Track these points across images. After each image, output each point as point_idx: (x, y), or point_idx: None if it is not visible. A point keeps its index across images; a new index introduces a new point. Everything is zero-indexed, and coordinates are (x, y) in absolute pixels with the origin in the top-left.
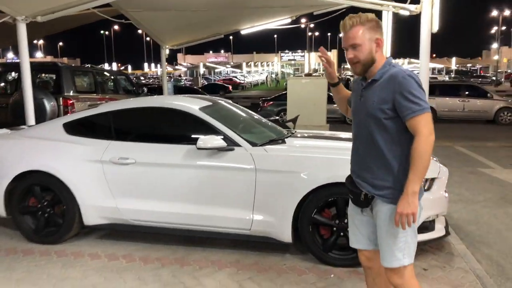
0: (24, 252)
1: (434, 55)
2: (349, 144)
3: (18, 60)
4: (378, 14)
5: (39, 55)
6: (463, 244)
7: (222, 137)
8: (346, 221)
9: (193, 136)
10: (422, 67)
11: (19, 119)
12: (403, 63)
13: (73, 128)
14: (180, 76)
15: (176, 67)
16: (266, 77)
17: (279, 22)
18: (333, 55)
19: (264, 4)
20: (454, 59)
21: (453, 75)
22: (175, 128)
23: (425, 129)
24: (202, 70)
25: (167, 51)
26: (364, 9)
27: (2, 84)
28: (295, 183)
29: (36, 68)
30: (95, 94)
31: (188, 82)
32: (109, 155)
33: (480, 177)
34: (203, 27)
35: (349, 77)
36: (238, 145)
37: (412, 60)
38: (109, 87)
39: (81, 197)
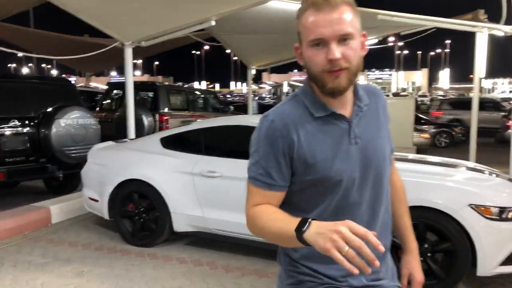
0: (122, 252)
1: None
2: (434, 169)
3: (120, 79)
4: (471, 35)
5: (137, 73)
6: None
7: None
8: (426, 245)
9: None
10: None
11: (121, 133)
12: (503, 83)
13: (168, 143)
14: (274, 94)
15: (261, 85)
16: None
17: (365, 42)
18: (423, 74)
19: None
20: None
21: None
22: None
23: None
24: (286, 88)
25: (253, 71)
26: (454, 30)
27: (109, 101)
28: None
29: (137, 86)
30: (186, 111)
31: (272, 101)
32: (199, 168)
33: None
34: (288, 49)
35: (440, 97)
36: None
37: None
38: (199, 105)
39: (173, 205)
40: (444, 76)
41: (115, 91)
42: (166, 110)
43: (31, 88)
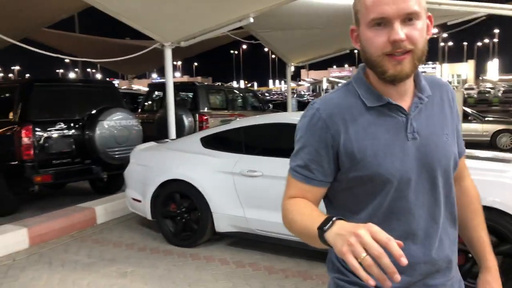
0: (165, 252)
1: None
2: (488, 164)
3: (161, 80)
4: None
5: (177, 74)
6: None
7: None
8: None
9: None
10: None
11: (163, 133)
12: None
13: (208, 142)
14: (312, 91)
15: (299, 83)
16: None
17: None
18: (469, 65)
19: None
20: None
21: None
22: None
23: None
24: (325, 85)
25: (292, 68)
26: (506, 16)
27: (150, 102)
28: None
29: (177, 87)
30: (226, 111)
31: (311, 98)
32: (239, 168)
33: None
34: (328, 44)
35: (489, 89)
36: None
37: None
38: (238, 103)
39: (214, 205)
40: (493, 67)
41: (156, 93)
42: (205, 110)
43: (75, 91)
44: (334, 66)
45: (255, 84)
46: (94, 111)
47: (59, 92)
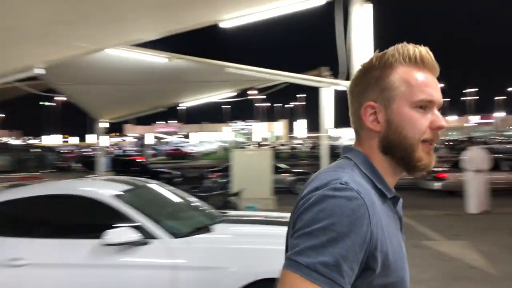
0: None
1: None
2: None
3: None
4: (315, 90)
5: None
6: None
7: (136, 228)
8: None
9: (103, 228)
10: None
11: None
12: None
13: None
14: (141, 146)
15: (123, 138)
16: (219, 146)
17: (223, 95)
18: (283, 124)
19: (203, 79)
20: None
21: None
22: (82, 219)
23: None
24: (149, 140)
25: (107, 124)
26: (301, 85)
27: None
28: (224, 280)
29: None
30: (15, 173)
31: (137, 153)
32: (0, 256)
33: (424, 251)
34: (142, 101)
35: (297, 145)
36: (155, 238)
37: None
38: (34, 164)
39: None
40: (300, 126)
41: None
42: None
43: None
44: (163, 122)
45: (76, 138)
46: None
47: None
